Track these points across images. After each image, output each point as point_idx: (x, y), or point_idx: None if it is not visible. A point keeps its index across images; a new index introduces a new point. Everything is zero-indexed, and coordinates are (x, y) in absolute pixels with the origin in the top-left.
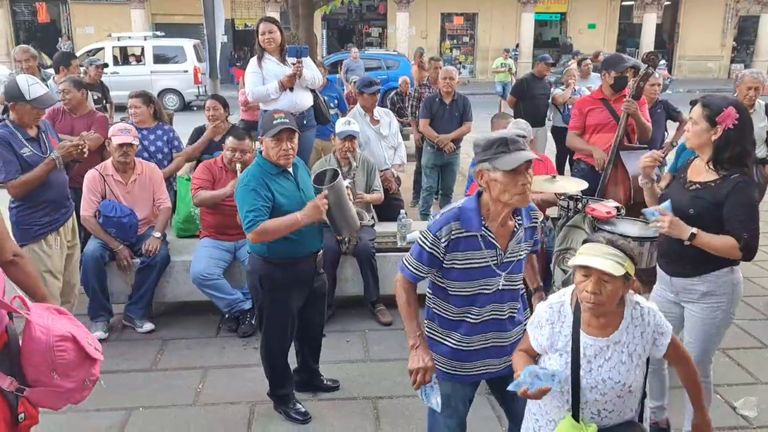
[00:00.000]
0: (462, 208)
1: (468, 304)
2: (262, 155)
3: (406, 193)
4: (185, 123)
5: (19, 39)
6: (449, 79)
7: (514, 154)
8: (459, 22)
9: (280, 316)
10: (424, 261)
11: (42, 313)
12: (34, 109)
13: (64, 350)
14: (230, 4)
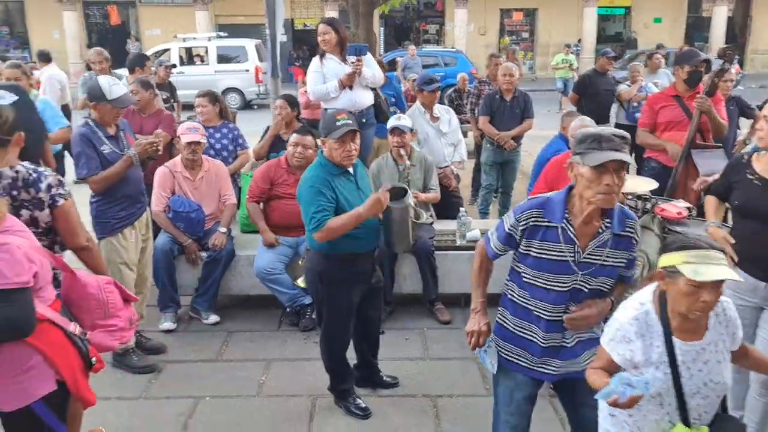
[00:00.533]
0: (549, 198)
1: (539, 296)
2: (324, 155)
3: (465, 190)
4: (247, 122)
5: (91, 41)
6: (509, 75)
7: (605, 152)
8: (518, 17)
9: (340, 312)
10: (501, 239)
11: (81, 271)
12: (114, 108)
13: (111, 291)
14: (290, 4)
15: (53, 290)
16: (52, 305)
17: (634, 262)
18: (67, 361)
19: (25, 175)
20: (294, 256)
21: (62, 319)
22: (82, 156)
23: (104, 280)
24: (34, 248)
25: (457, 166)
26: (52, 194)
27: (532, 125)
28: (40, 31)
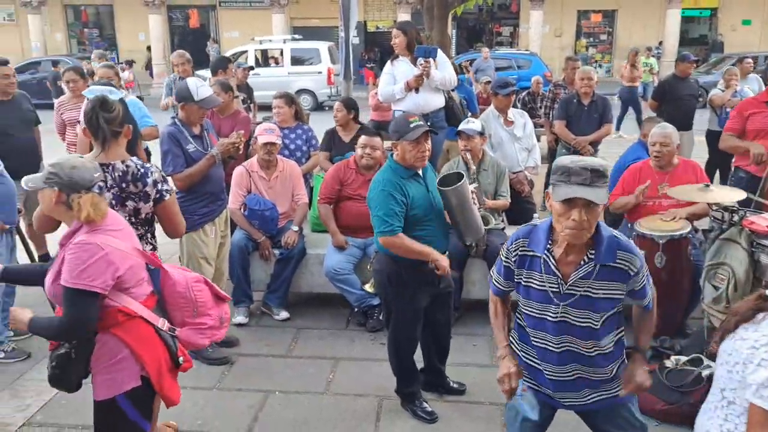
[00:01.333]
0: (536, 227)
1: (535, 326)
2: (394, 158)
3: (538, 196)
4: (319, 123)
5: (173, 42)
6: (587, 79)
7: (571, 187)
8: (597, 19)
9: (407, 315)
10: (501, 273)
11: (173, 268)
12: (200, 109)
13: (201, 290)
14: (363, 6)
15: (148, 287)
16: (144, 301)
17: (643, 292)
18: (154, 357)
19: (135, 169)
20: (363, 257)
21: (152, 316)
22: (169, 154)
23: (193, 278)
24: (127, 248)
25: (531, 171)
26: (159, 189)
27: (611, 130)
28: (127, 33)
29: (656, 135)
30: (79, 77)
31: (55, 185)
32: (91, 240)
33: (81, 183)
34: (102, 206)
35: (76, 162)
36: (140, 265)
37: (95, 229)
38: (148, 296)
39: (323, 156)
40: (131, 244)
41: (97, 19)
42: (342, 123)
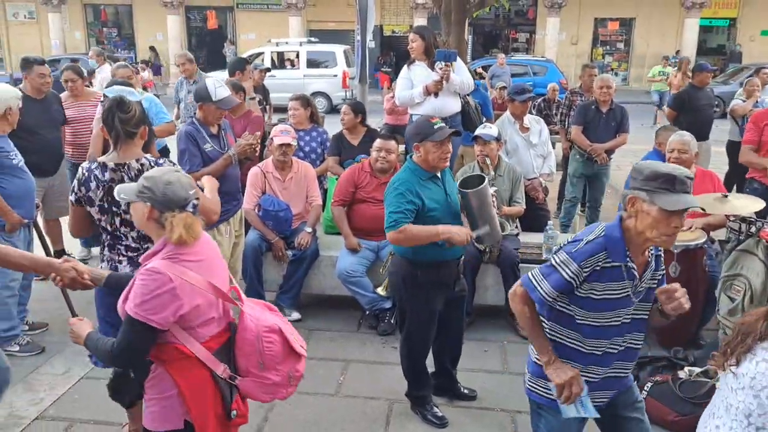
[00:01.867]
0: (608, 237)
1: (597, 335)
2: (414, 160)
3: (552, 203)
4: (333, 125)
5: (191, 43)
6: (607, 87)
7: (679, 195)
8: (614, 27)
9: (421, 318)
10: (558, 286)
11: (254, 306)
12: (218, 109)
13: (272, 341)
14: (380, 11)
15: (215, 327)
16: (208, 342)
17: (663, 281)
18: (202, 406)
19: (149, 166)
20: (375, 260)
21: (212, 360)
22: (185, 153)
23: (265, 327)
24: (201, 282)
25: (546, 178)
26: None
27: (626, 140)
28: (145, 33)
29: (674, 142)
30: (77, 77)
31: (148, 201)
32: (163, 270)
33: (175, 201)
34: (196, 228)
35: (171, 177)
36: (211, 304)
37: (173, 256)
38: (213, 336)
39: (332, 161)
40: (209, 279)
41: (116, 18)
42: (349, 126)
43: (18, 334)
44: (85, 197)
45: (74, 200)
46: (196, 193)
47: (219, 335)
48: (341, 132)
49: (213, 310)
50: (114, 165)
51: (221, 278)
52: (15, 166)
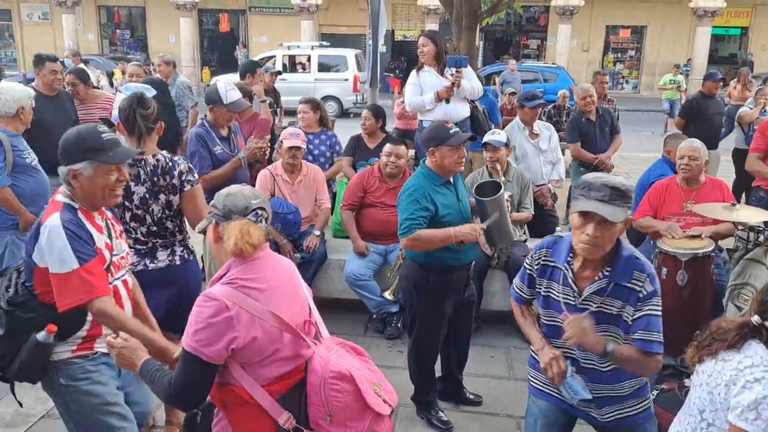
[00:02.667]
0: (561, 239)
1: (552, 335)
2: (427, 165)
3: (561, 209)
4: (344, 129)
5: (203, 46)
6: (589, 97)
7: (588, 201)
8: (625, 35)
9: (433, 322)
10: (525, 281)
11: (330, 346)
12: (228, 112)
13: (339, 390)
14: (391, 16)
15: (283, 367)
16: (271, 385)
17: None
18: None
19: (164, 162)
20: (383, 264)
21: (274, 406)
22: (195, 155)
23: (332, 372)
24: (263, 313)
25: (555, 184)
26: (182, 179)
27: (621, 140)
28: (158, 35)
29: (684, 148)
30: (80, 81)
31: (213, 218)
32: (220, 296)
33: (234, 210)
34: (254, 234)
35: (232, 189)
36: (273, 338)
37: (233, 281)
38: (279, 378)
39: (346, 161)
40: (275, 309)
41: (129, 20)
42: (370, 131)
43: None
44: None
45: None
46: (261, 201)
47: (287, 376)
48: (359, 135)
49: (278, 346)
50: (131, 160)
51: (293, 310)
52: (29, 165)
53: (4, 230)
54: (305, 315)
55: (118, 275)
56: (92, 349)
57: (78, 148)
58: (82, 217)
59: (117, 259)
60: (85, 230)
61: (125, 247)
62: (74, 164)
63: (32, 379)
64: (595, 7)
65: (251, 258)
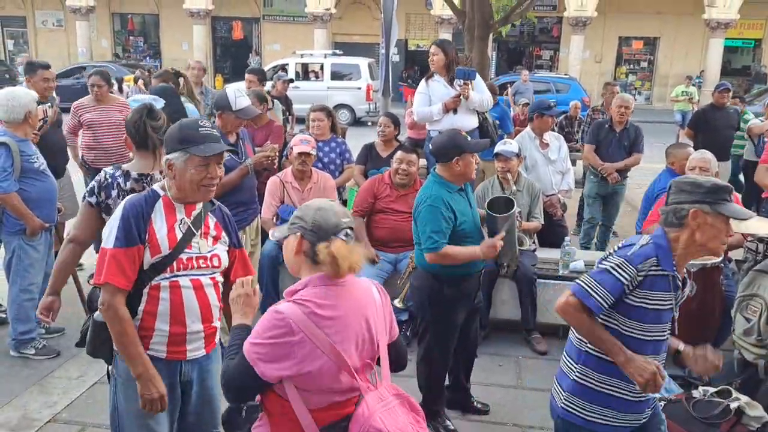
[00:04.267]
0: (658, 246)
1: (642, 349)
2: (439, 173)
3: (571, 219)
4: (357, 138)
5: (216, 53)
6: (625, 107)
7: (734, 205)
8: (638, 46)
9: (446, 331)
10: (615, 293)
11: (384, 396)
12: (237, 118)
13: None
14: (405, 25)
15: (335, 398)
16: (318, 412)
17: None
18: None
19: None
20: (393, 272)
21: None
22: None
23: (372, 429)
24: (327, 347)
25: (565, 194)
26: None
27: (639, 160)
28: (171, 42)
29: (696, 160)
30: (104, 82)
31: (299, 230)
32: (290, 317)
33: (325, 228)
34: (354, 257)
35: (323, 203)
36: (330, 372)
37: (306, 303)
38: (326, 408)
39: (358, 170)
40: (339, 343)
41: (142, 27)
42: (389, 137)
43: (34, 338)
44: (104, 203)
45: (94, 203)
46: (350, 221)
47: (337, 407)
48: (372, 143)
49: (333, 380)
50: (137, 175)
51: (359, 346)
52: (37, 170)
53: (12, 235)
54: (371, 352)
55: (184, 273)
56: (146, 349)
57: (175, 139)
58: (161, 204)
59: (187, 257)
60: (143, 216)
61: (213, 249)
62: (170, 154)
63: (102, 357)
64: (608, 18)
65: (334, 283)
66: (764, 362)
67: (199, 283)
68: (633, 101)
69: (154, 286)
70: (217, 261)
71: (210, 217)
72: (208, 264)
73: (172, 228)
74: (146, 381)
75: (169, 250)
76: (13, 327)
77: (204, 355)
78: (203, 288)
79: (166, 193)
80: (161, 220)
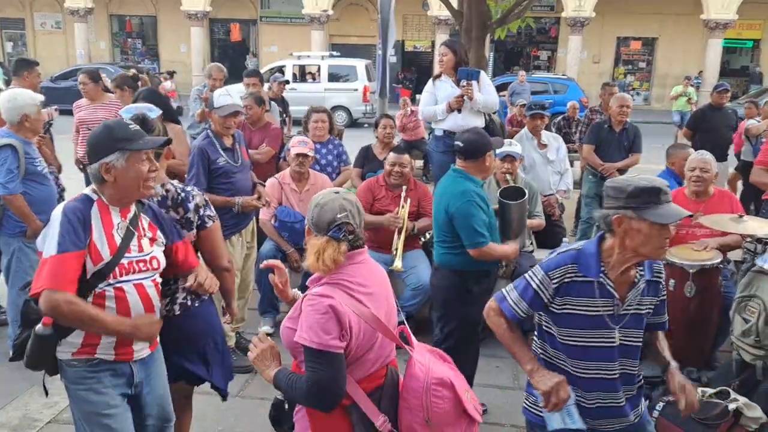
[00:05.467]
0: (582, 252)
1: (579, 355)
2: (462, 169)
3: (569, 220)
4: (353, 139)
5: (213, 55)
6: (626, 107)
7: (666, 206)
8: (636, 46)
9: (475, 329)
10: (526, 299)
11: (425, 352)
12: (220, 117)
13: (441, 397)
14: (402, 26)
15: (370, 368)
16: (364, 380)
17: (664, 307)
18: None
19: (174, 194)
20: (389, 273)
21: (371, 408)
22: (193, 167)
23: (435, 379)
24: (367, 315)
25: (563, 194)
26: (201, 215)
27: (638, 160)
28: (169, 44)
29: (695, 160)
30: (90, 81)
31: (307, 223)
32: (329, 293)
33: (320, 225)
34: (328, 255)
35: (326, 198)
36: (371, 342)
37: (340, 282)
38: (364, 379)
39: (355, 172)
40: (376, 312)
41: (140, 29)
42: (391, 139)
43: None
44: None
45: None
46: (346, 215)
47: (370, 379)
48: (370, 145)
49: (372, 349)
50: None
51: (387, 315)
52: (39, 173)
53: (12, 237)
54: (395, 317)
55: (127, 278)
56: (93, 354)
57: (108, 141)
58: (96, 209)
59: (128, 261)
60: (84, 221)
61: (151, 252)
62: (105, 157)
63: (46, 370)
64: (606, 18)
65: (354, 261)
66: (762, 363)
67: (141, 287)
68: (631, 100)
69: (99, 294)
70: (156, 263)
71: (143, 218)
72: (148, 266)
73: (110, 233)
74: (134, 330)
75: (111, 256)
76: (13, 329)
77: (149, 354)
78: (146, 290)
79: (100, 197)
80: (98, 226)
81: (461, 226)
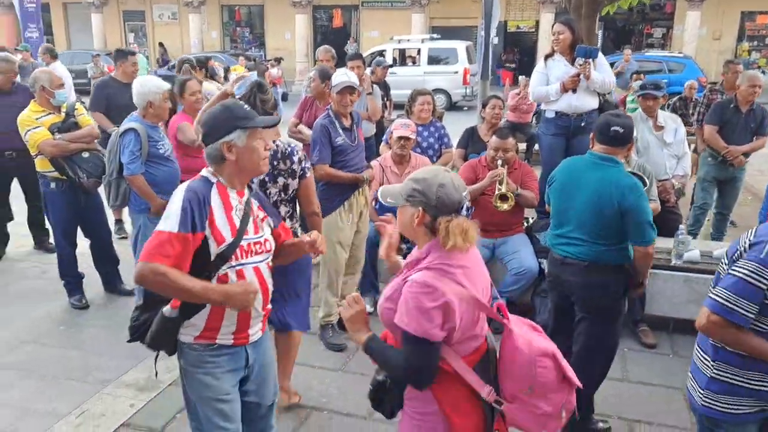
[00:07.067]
0: None
1: None
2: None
3: (685, 208)
4: (453, 123)
5: (316, 41)
6: (758, 86)
7: None
8: (763, 21)
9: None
10: (757, 301)
11: (521, 325)
12: (336, 95)
13: (545, 367)
14: (505, 6)
15: (473, 344)
16: (468, 356)
17: None
18: (466, 426)
19: (283, 148)
20: (491, 258)
21: (476, 380)
22: (317, 143)
23: (539, 351)
24: (468, 295)
25: (679, 179)
26: (303, 167)
27: (765, 144)
28: (275, 32)
29: None
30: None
31: (420, 205)
32: (434, 283)
33: (449, 204)
34: (471, 233)
35: (444, 179)
36: (474, 320)
37: (440, 267)
38: (468, 355)
39: (458, 153)
40: (474, 290)
41: (248, 18)
42: (498, 120)
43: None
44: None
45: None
46: (467, 195)
47: (474, 353)
48: (474, 126)
49: (475, 328)
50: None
51: (484, 290)
52: (162, 155)
53: (139, 213)
54: (489, 292)
55: (247, 260)
56: (214, 340)
57: (229, 120)
58: (215, 190)
59: (246, 243)
60: (203, 203)
61: (264, 234)
62: (227, 136)
63: (166, 350)
64: None
65: None
66: None
67: (258, 270)
68: (763, 79)
69: (222, 277)
70: (269, 245)
71: (253, 201)
72: (263, 248)
73: (230, 215)
74: (226, 298)
75: (232, 237)
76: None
77: (260, 336)
78: (262, 273)
79: (219, 179)
80: (219, 208)
81: (636, 222)
